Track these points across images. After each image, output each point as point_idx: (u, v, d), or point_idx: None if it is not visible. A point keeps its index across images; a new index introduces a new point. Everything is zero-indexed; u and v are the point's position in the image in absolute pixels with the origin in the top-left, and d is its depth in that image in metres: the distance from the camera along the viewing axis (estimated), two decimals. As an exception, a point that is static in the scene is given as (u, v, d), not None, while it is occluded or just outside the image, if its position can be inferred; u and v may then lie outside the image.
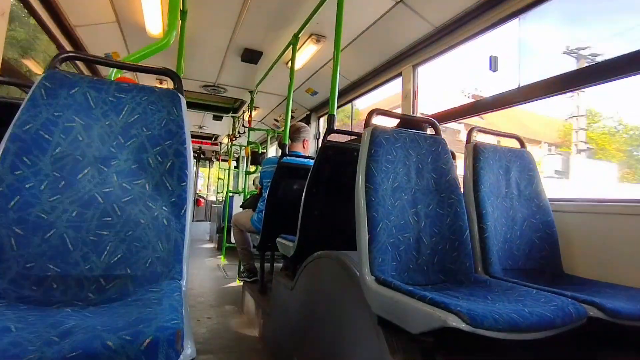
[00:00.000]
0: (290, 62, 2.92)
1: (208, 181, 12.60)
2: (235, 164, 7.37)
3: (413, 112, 2.93)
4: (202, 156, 10.72)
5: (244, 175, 5.30)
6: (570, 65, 8.76)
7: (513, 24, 2.19)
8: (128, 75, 1.99)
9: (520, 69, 2.12)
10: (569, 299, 1.00)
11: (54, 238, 0.88)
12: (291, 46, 2.83)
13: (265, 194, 2.51)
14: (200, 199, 10.68)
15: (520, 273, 1.47)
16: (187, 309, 0.80)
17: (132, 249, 0.93)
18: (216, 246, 6.21)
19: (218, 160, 10.60)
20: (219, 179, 10.07)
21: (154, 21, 2.99)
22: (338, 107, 3.96)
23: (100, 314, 0.75)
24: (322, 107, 4.76)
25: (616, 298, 1.10)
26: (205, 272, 4.33)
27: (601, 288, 1.26)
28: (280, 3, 2.70)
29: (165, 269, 0.94)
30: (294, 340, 1.75)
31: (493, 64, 2.52)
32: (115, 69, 1.37)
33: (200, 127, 7.83)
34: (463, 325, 0.78)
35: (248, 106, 4.80)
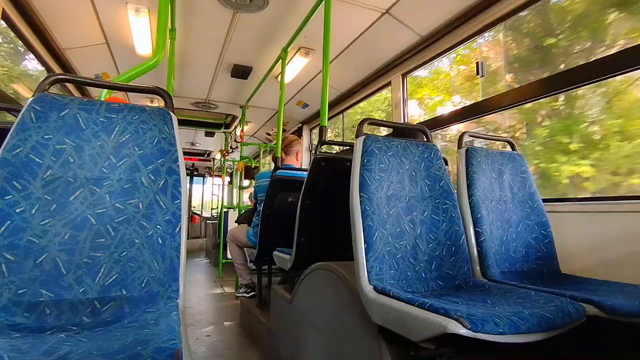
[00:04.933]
0: (280, 76, 2.94)
1: (202, 198, 12.53)
2: (229, 179, 7.34)
3: (404, 120, 2.96)
4: (195, 172, 10.69)
5: (238, 190, 5.29)
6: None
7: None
8: (119, 95, 2.00)
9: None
10: (568, 299, 1.00)
11: (46, 262, 0.87)
12: (280, 60, 2.85)
13: (260, 208, 2.51)
14: (195, 215, 10.60)
15: (518, 275, 1.47)
16: (185, 328, 0.79)
17: (127, 270, 0.92)
18: (213, 262, 6.15)
19: (212, 176, 10.57)
20: (212, 194, 10.02)
21: (142, 41, 3.01)
22: (329, 119, 3.99)
23: (95, 338, 0.73)
24: (314, 119, 4.79)
25: (614, 295, 1.10)
26: (203, 289, 4.27)
27: (598, 286, 1.26)
28: (268, 18, 2.74)
29: (161, 289, 0.93)
30: (295, 354, 1.73)
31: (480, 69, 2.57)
32: (106, 90, 1.37)
33: (193, 144, 7.83)
34: (463, 331, 0.78)
35: (240, 121, 4.82)
